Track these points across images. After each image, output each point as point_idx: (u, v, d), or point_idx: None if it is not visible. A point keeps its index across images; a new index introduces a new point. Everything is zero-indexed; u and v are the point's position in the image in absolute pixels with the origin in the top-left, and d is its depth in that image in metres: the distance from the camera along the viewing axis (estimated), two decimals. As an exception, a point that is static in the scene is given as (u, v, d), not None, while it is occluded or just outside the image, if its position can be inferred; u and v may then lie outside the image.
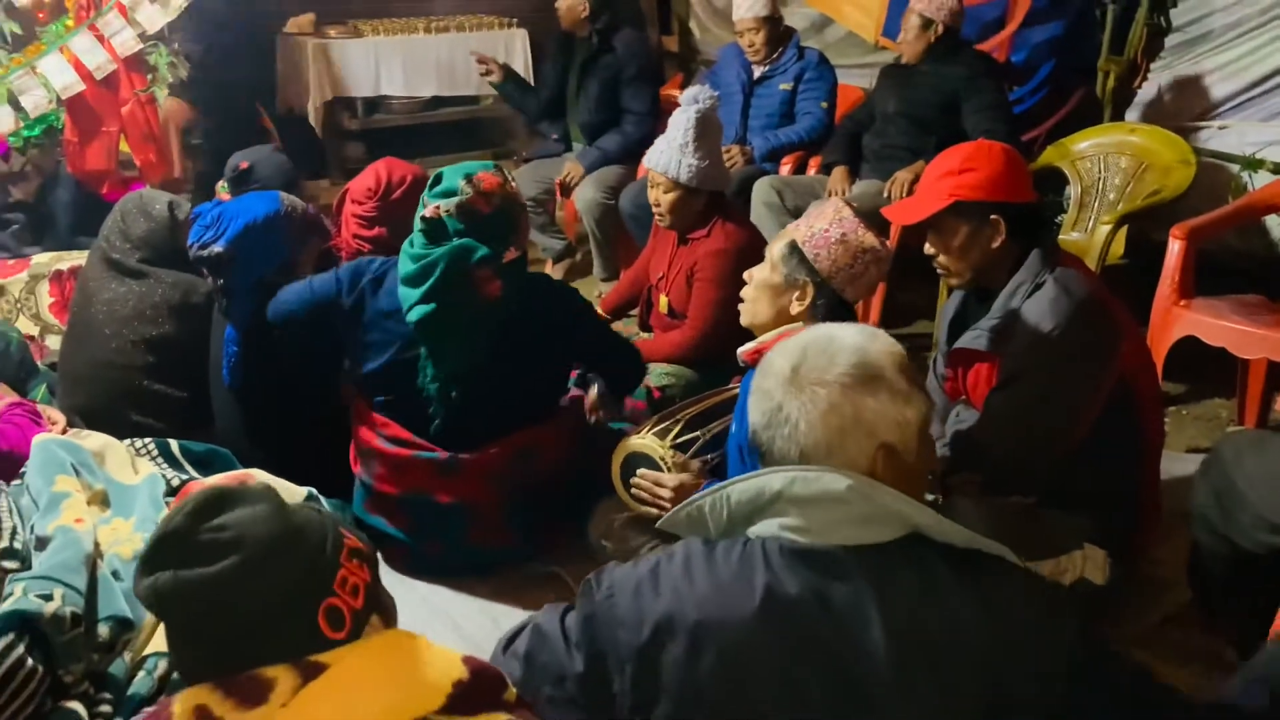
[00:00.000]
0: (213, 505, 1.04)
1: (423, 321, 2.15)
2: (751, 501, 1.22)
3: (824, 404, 1.22)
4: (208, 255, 2.36)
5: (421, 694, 0.98)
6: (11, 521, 2.02)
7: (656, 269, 3.05)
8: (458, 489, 2.24)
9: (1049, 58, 4.67)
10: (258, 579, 0.99)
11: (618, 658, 1.18)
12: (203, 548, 1.00)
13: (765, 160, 4.06)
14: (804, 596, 1.14)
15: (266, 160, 3.04)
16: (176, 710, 0.95)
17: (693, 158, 2.77)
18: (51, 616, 1.70)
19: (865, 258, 2.01)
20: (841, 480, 1.16)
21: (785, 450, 1.24)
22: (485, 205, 2.14)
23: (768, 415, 1.26)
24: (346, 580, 1.04)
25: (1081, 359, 1.98)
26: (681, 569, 1.20)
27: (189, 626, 1.02)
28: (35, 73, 3.24)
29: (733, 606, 1.15)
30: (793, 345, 1.29)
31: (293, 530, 1.03)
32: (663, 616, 1.16)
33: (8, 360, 2.83)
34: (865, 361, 1.24)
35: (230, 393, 2.49)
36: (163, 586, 1.00)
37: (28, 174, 3.63)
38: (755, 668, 1.14)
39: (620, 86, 4.23)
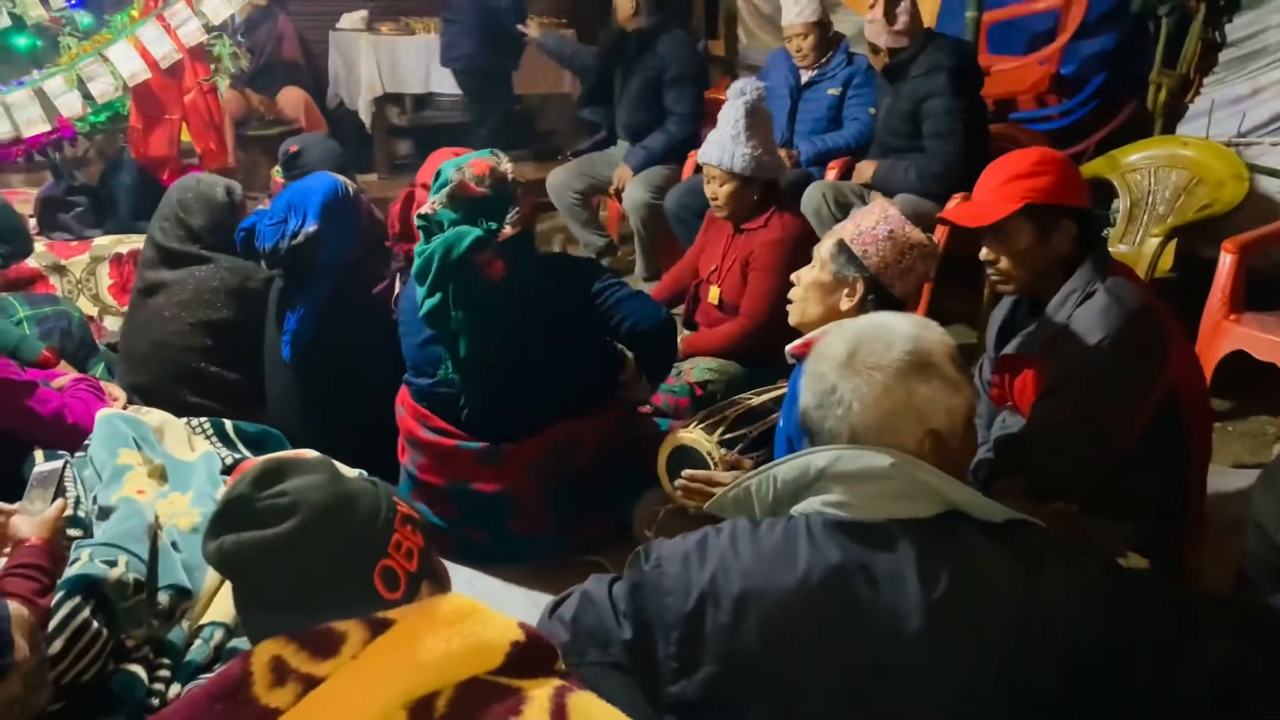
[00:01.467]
0: (273, 474, 1.09)
1: (430, 315, 2.20)
2: (797, 480, 1.26)
3: (879, 388, 1.26)
4: (304, 240, 2.40)
5: (482, 653, 1.02)
6: (76, 491, 2.09)
7: (709, 262, 3.07)
8: (499, 478, 2.29)
9: (1100, 70, 4.65)
10: (315, 540, 1.04)
11: (664, 624, 1.22)
12: (264, 512, 1.05)
13: (811, 165, 4.07)
14: (845, 565, 1.18)
15: (316, 144, 3.13)
16: (254, 661, 0.99)
17: (745, 147, 2.81)
18: (115, 582, 1.77)
19: (913, 253, 2.02)
20: (885, 458, 1.21)
21: (836, 430, 1.28)
22: (474, 188, 2.17)
23: (820, 396, 1.30)
24: (401, 544, 1.08)
25: (1131, 369, 1.98)
26: (728, 541, 1.25)
27: (252, 586, 1.07)
28: (104, 60, 3.33)
29: (776, 575, 1.19)
30: (848, 331, 1.33)
31: (347, 496, 1.08)
32: (708, 585, 1.20)
33: (69, 338, 2.92)
34: (919, 349, 1.28)
35: (288, 375, 2.54)
36: (228, 549, 1.05)
37: (92, 158, 3.74)
38: (797, 633, 1.18)
39: (663, 87, 4.28)
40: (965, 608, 1.17)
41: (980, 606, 1.17)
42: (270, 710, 0.95)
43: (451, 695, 0.98)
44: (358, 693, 0.95)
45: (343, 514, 1.06)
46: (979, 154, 3.38)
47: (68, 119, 3.37)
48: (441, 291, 2.16)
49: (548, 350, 2.27)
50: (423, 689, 0.97)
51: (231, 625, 1.91)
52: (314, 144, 3.17)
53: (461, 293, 2.16)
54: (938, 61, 3.52)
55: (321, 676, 0.97)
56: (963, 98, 3.53)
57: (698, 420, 2.25)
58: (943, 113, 3.53)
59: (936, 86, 3.52)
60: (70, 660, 1.65)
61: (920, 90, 3.55)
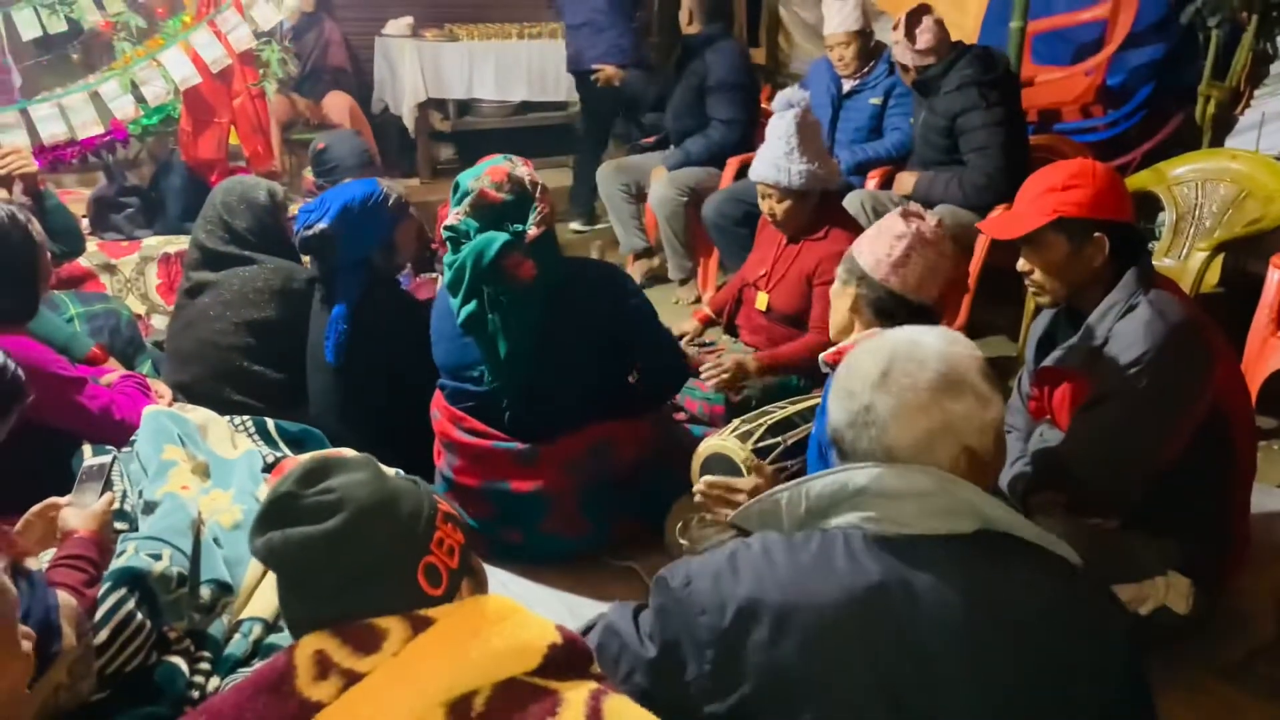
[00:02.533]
0: (318, 471, 1.12)
1: (467, 321, 2.22)
2: (833, 496, 1.26)
3: (914, 407, 1.25)
4: (313, 234, 2.47)
5: (520, 654, 1.03)
6: (122, 485, 2.14)
7: (757, 267, 3.07)
8: (535, 478, 2.31)
9: (1148, 81, 4.58)
10: (361, 537, 1.06)
11: (696, 644, 1.21)
12: (310, 508, 1.07)
13: (852, 174, 4.06)
14: (886, 581, 1.18)
15: (342, 140, 3.19)
16: (298, 655, 1.01)
17: (800, 163, 2.81)
18: (160, 575, 1.80)
19: (902, 243, 1.98)
20: (928, 477, 1.21)
21: (870, 450, 1.27)
22: (495, 194, 2.19)
23: (853, 415, 1.29)
24: (443, 541, 1.10)
25: (1173, 383, 1.95)
26: (761, 555, 1.24)
27: (298, 580, 1.09)
28: (158, 64, 3.41)
29: (815, 589, 1.19)
30: (879, 348, 1.32)
31: (391, 493, 1.10)
32: (745, 600, 1.20)
33: (118, 336, 2.98)
34: (952, 366, 1.27)
35: (329, 375, 2.58)
36: (275, 544, 1.07)
37: (143, 160, 3.82)
38: (837, 647, 1.17)
39: (706, 94, 4.30)
40: (1004, 624, 1.17)
41: (1018, 623, 1.17)
42: (312, 703, 0.97)
43: (489, 694, 1.00)
44: (398, 690, 0.97)
45: (387, 511, 1.08)
46: (1019, 165, 3.36)
47: (121, 121, 3.45)
48: (476, 298, 2.20)
49: (583, 348, 2.29)
50: (462, 688, 0.99)
51: (270, 620, 1.95)
52: (340, 141, 3.24)
53: (496, 297, 2.19)
54: (969, 76, 3.51)
55: (362, 672, 0.98)
56: (998, 110, 3.50)
57: (732, 428, 2.25)
58: (979, 127, 3.51)
59: (970, 101, 3.50)
60: (115, 650, 1.69)
61: (954, 106, 3.54)
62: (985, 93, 3.50)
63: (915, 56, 3.58)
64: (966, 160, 3.57)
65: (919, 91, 3.69)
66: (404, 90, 5.81)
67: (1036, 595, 1.19)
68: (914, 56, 3.58)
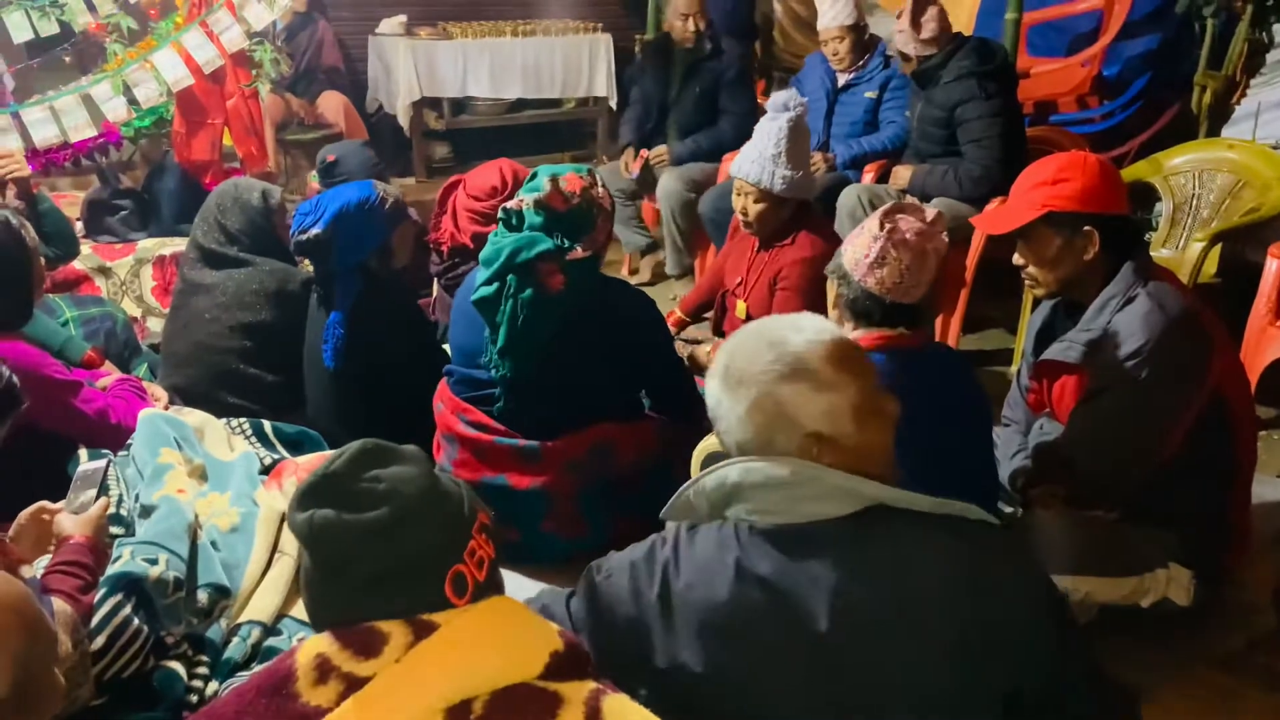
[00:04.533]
0: (372, 456, 1.10)
1: (482, 300, 2.24)
2: (718, 490, 1.29)
3: (747, 400, 1.28)
4: (308, 239, 2.46)
5: (523, 660, 1.02)
6: (119, 490, 2.13)
7: (734, 274, 3.07)
8: (535, 475, 2.30)
9: (1144, 71, 4.58)
10: (401, 534, 1.04)
11: (615, 631, 1.29)
12: (358, 494, 1.06)
13: (847, 168, 4.05)
14: (774, 569, 1.22)
15: (353, 153, 3.17)
16: (300, 658, 1.00)
17: (785, 168, 2.78)
18: (156, 580, 1.80)
19: (877, 244, 1.93)
20: (782, 468, 1.23)
21: (728, 444, 1.33)
22: (562, 203, 2.22)
23: (712, 412, 1.34)
24: (475, 551, 1.09)
25: (1172, 375, 1.95)
26: (671, 552, 1.31)
27: (332, 565, 1.06)
28: (150, 66, 3.39)
29: (711, 584, 1.24)
30: (729, 343, 1.36)
31: (439, 495, 1.09)
32: (656, 594, 1.27)
33: (114, 339, 2.97)
34: (786, 354, 1.28)
35: (326, 377, 2.57)
36: (319, 522, 1.05)
37: (136, 163, 3.80)
38: (735, 638, 1.23)
39: (719, 89, 4.28)
40: (899, 600, 1.19)
41: (915, 597, 1.19)
42: (313, 708, 0.96)
43: (488, 699, 0.99)
44: (399, 696, 0.96)
45: (431, 512, 1.07)
46: (1016, 157, 3.35)
47: (113, 124, 3.44)
48: (499, 283, 2.21)
49: (586, 361, 2.29)
50: (462, 695, 0.98)
51: (268, 623, 1.94)
52: (351, 153, 3.22)
53: (516, 291, 2.20)
54: (967, 67, 3.50)
55: (363, 676, 0.97)
56: (996, 101, 3.50)
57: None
58: (976, 118, 3.50)
59: (969, 92, 3.49)
60: (112, 656, 1.68)
61: (952, 97, 3.53)
62: (984, 84, 3.49)
63: (919, 45, 3.56)
64: (964, 152, 3.56)
65: (917, 82, 3.68)
66: (398, 89, 5.79)
67: (933, 564, 1.19)
68: (918, 45, 3.56)
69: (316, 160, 3.27)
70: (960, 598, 1.18)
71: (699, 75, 4.31)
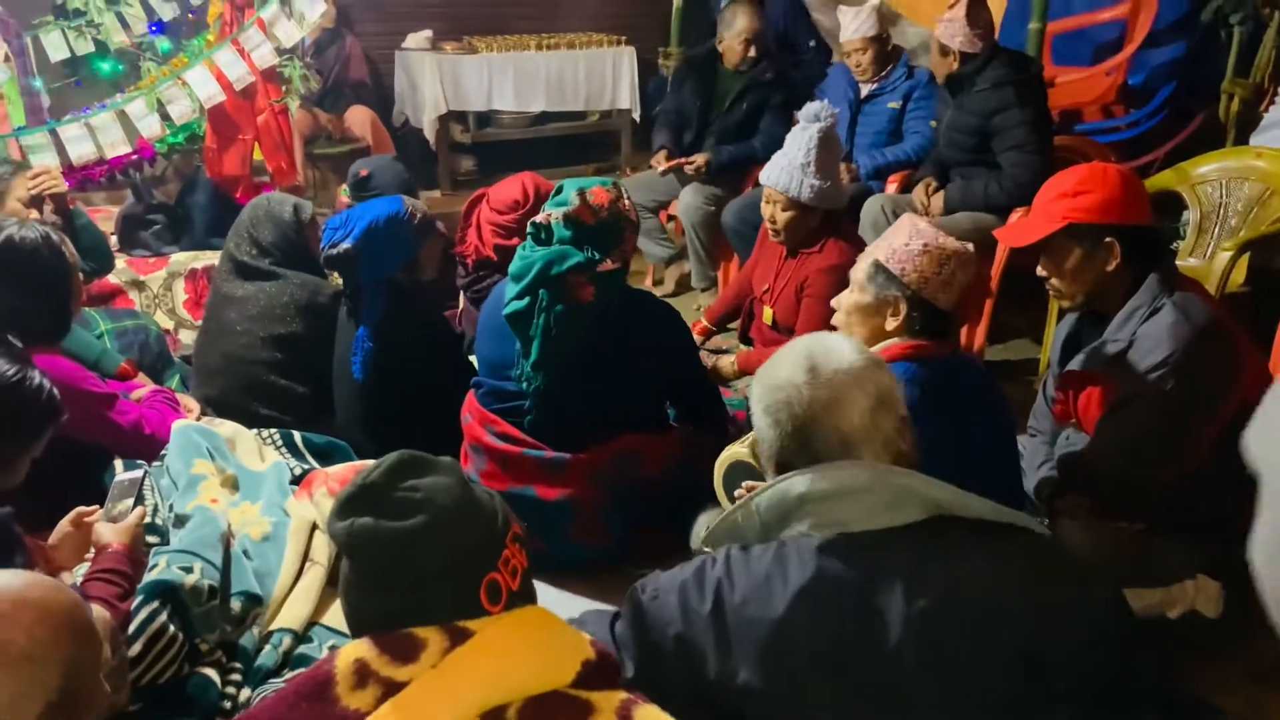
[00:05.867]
0: (409, 467, 1.13)
1: (514, 315, 2.26)
2: (778, 506, 1.29)
3: (853, 384, 1.33)
4: (337, 254, 2.50)
5: (556, 668, 1.05)
6: (153, 499, 2.17)
7: (761, 281, 3.09)
8: (561, 487, 2.32)
9: (1169, 80, 4.56)
10: (437, 541, 1.07)
11: (665, 652, 1.26)
12: (396, 503, 1.09)
13: (871, 178, 4.06)
14: (838, 581, 1.21)
15: (385, 168, 3.21)
16: (339, 663, 1.03)
17: (814, 178, 2.80)
18: (191, 588, 1.83)
19: (950, 264, 1.97)
20: (862, 470, 1.25)
21: (828, 440, 1.32)
22: (590, 217, 2.25)
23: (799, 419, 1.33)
24: (509, 560, 1.12)
25: (1198, 386, 1.95)
26: (723, 571, 1.28)
27: (370, 572, 1.09)
28: (183, 84, 3.46)
29: (769, 601, 1.22)
30: (792, 355, 1.39)
31: (473, 504, 1.11)
32: (710, 616, 1.24)
33: (148, 351, 3.02)
34: (865, 349, 1.40)
35: (355, 389, 2.60)
36: (358, 531, 1.08)
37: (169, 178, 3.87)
38: (794, 656, 1.21)
39: (765, 111, 4.30)
40: (962, 614, 1.18)
41: (977, 613, 1.18)
42: (351, 712, 0.99)
43: (521, 705, 1.01)
44: (435, 702, 0.99)
45: (466, 521, 1.10)
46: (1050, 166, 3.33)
47: (148, 140, 3.50)
48: (530, 297, 2.24)
49: (613, 371, 2.32)
50: (496, 701, 1.00)
51: (300, 631, 1.97)
52: (383, 168, 3.26)
53: (548, 305, 2.23)
54: (1005, 75, 3.47)
55: (400, 680, 1.00)
56: (1033, 109, 3.48)
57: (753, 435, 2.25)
58: (1017, 125, 3.46)
59: (1005, 100, 3.46)
60: (148, 662, 1.72)
61: (987, 105, 3.50)
62: (1021, 92, 3.46)
63: (968, 41, 3.49)
64: (1002, 159, 3.51)
65: (949, 88, 3.65)
66: (424, 103, 5.85)
67: (998, 579, 1.20)
68: (967, 40, 3.49)
69: (348, 174, 3.31)
70: (1016, 612, 1.19)
71: (749, 96, 4.33)
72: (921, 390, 1.89)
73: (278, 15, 3.48)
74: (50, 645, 0.97)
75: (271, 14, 3.48)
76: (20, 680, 0.95)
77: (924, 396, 1.88)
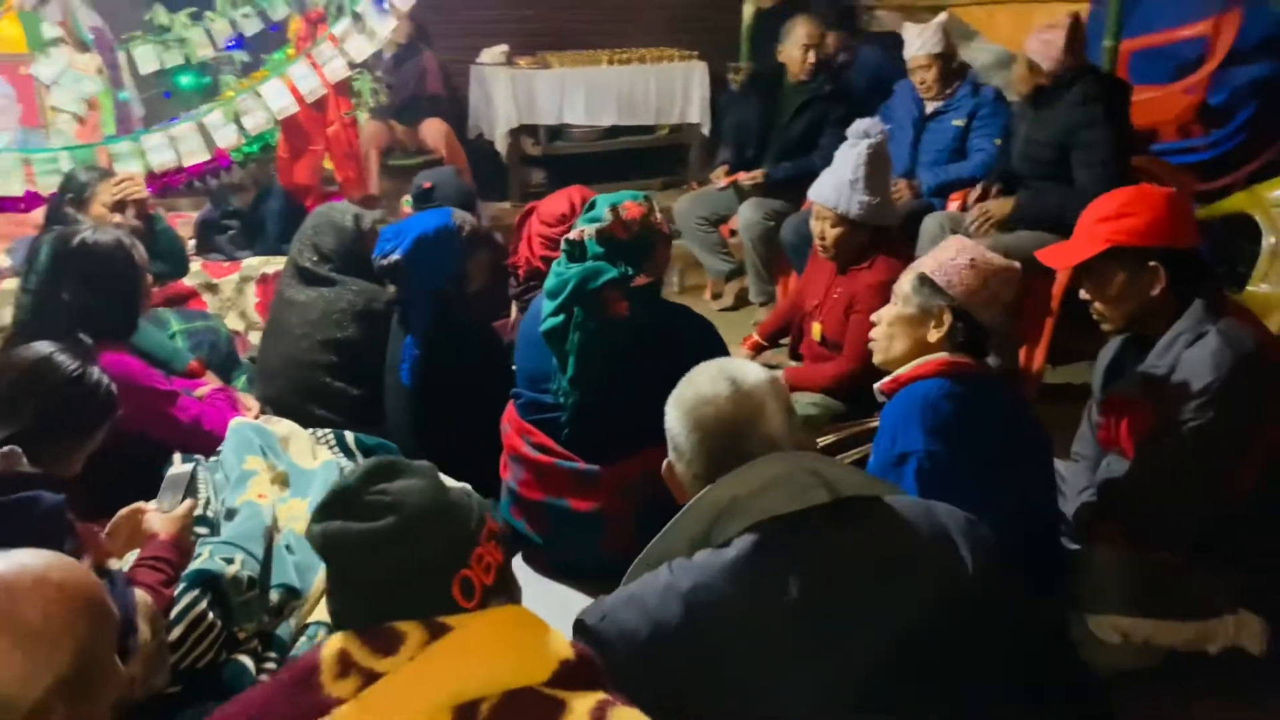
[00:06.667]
0: (381, 471, 1.18)
1: (550, 332, 2.30)
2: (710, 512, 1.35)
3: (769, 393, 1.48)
4: (388, 264, 2.58)
5: (532, 665, 1.08)
6: (206, 493, 2.26)
7: (811, 297, 3.08)
8: (593, 498, 2.35)
9: (1251, 100, 4.41)
10: (407, 540, 1.12)
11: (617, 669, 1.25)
12: (366, 506, 1.14)
13: (933, 195, 4.02)
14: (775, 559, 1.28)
15: (447, 181, 3.30)
16: (324, 653, 1.09)
17: (863, 194, 2.80)
18: (231, 578, 1.91)
19: (996, 279, 1.96)
20: (779, 461, 1.37)
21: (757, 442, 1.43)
22: (623, 232, 2.28)
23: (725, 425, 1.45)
24: (483, 558, 1.15)
25: (1239, 415, 1.90)
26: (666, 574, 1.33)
27: (344, 572, 1.15)
28: (258, 95, 3.61)
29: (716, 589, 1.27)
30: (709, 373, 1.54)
31: (444, 504, 1.16)
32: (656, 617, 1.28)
33: (216, 351, 3.16)
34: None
35: (404, 394, 2.68)
36: (329, 533, 1.14)
37: (245, 185, 4.04)
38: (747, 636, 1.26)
39: (825, 126, 4.31)
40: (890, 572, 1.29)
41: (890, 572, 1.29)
42: (334, 699, 1.04)
43: (496, 701, 1.04)
44: (410, 692, 1.03)
45: (436, 521, 1.14)
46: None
47: (224, 149, 3.67)
48: (566, 314, 2.28)
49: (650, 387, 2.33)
50: (470, 694, 1.04)
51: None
52: (446, 180, 3.35)
53: (584, 321, 2.27)
54: (1094, 92, 3.40)
55: (380, 671, 1.05)
56: (1118, 129, 3.41)
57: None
58: (1100, 141, 3.38)
59: (1093, 117, 3.39)
60: (188, 647, 1.80)
61: (1072, 120, 3.42)
62: (1109, 109, 3.40)
63: (1064, 62, 3.44)
64: (1079, 175, 3.42)
65: (1033, 102, 3.58)
66: (497, 117, 5.98)
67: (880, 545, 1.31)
68: (1062, 62, 3.44)
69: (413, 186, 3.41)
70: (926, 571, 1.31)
71: (809, 110, 4.34)
72: (955, 406, 1.89)
73: (349, 30, 3.63)
74: (65, 625, 1.03)
75: (343, 29, 3.63)
76: (31, 657, 1.01)
77: (957, 413, 1.88)
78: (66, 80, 3.73)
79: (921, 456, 1.81)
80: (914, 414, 1.86)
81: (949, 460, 1.81)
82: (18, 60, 3.69)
